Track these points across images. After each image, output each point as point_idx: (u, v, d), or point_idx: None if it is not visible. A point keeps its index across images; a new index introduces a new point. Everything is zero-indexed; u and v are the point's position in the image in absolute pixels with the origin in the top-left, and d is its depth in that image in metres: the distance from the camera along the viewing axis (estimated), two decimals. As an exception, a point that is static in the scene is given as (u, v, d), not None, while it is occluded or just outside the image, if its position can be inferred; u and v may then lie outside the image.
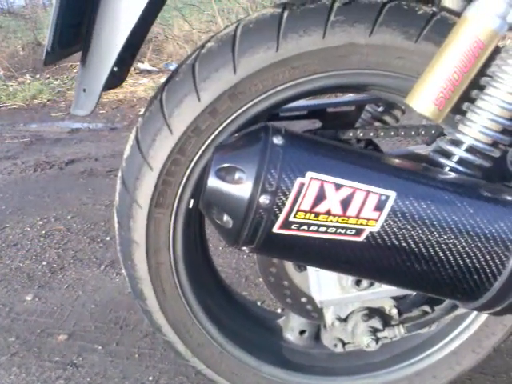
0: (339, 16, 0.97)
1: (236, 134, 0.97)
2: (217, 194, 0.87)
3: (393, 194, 0.86)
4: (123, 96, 4.98)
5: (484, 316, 1.23)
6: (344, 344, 1.20)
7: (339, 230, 0.86)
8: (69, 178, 3.14)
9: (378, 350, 1.17)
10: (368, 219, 0.86)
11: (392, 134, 1.13)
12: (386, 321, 1.18)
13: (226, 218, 0.88)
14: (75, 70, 5.66)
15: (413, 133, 1.14)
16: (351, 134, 1.12)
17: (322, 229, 0.86)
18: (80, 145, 3.77)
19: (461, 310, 1.17)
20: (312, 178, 0.85)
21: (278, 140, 0.86)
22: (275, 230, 0.87)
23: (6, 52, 6.41)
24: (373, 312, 1.17)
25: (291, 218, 0.86)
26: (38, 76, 5.78)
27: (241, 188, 0.86)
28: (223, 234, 0.92)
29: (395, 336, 1.17)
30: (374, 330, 1.16)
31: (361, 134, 1.12)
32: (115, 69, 0.99)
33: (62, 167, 3.32)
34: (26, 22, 7.45)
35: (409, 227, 0.86)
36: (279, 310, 1.76)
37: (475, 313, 1.23)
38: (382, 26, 0.97)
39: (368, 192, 0.86)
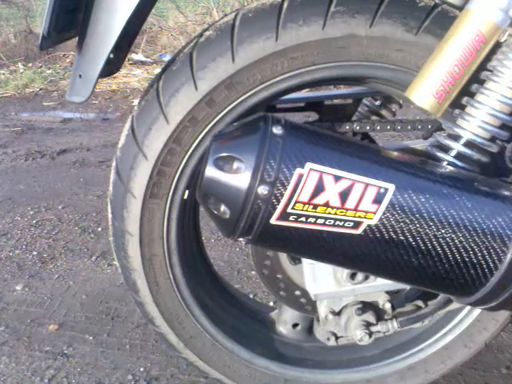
0: (340, 6, 0.96)
1: (235, 123, 0.96)
2: (214, 183, 0.86)
3: (392, 187, 0.86)
4: (116, 86, 4.94)
5: (477, 311, 1.23)
6: (337, 338, 1.20)
7: (337, 223, 0.86)
8: (60, 167, 3.11)
9: (371, 344, 1.18)
10: (366, 212, 0.85)
11: (388, 127, 1.13)
12: (380, 315, 1.18)
13: (223, 208, 0.87)
14: (68, 60, 5.62)
15: (409, 127, 1.14)
16: (347, 127, 1.11)
17: (320, 221, 0.86)
18: (72, 135, 3.73)
19: (454, 305, 1.18)
20: (311, 170, 0.84)
21: (277, 130, 0.86)
22: (273, 221, 0.86)
23: (-2, 40, 6.33)
24: (366, 306, 1.17)
25: (289, 210, 0.85)
26: (30, 65, 5.72)
27: (239, 178, 0.85)
28: (220, 224, 0.91)
29: (388, 330, 1.17)
30: (368, 324, 1.16)
31: (357, 128, 1.12)
32: (111, 55, 0.98)
33: (53, 157, 3.29)
34: (18, 10, 7.36)
35: (407, 220, 0.85)
36: (271, 303, 1.75)
37: (468, 308, 1.23)
38: (382, 17, 0.96)
39: (367, 184, 0.85)
